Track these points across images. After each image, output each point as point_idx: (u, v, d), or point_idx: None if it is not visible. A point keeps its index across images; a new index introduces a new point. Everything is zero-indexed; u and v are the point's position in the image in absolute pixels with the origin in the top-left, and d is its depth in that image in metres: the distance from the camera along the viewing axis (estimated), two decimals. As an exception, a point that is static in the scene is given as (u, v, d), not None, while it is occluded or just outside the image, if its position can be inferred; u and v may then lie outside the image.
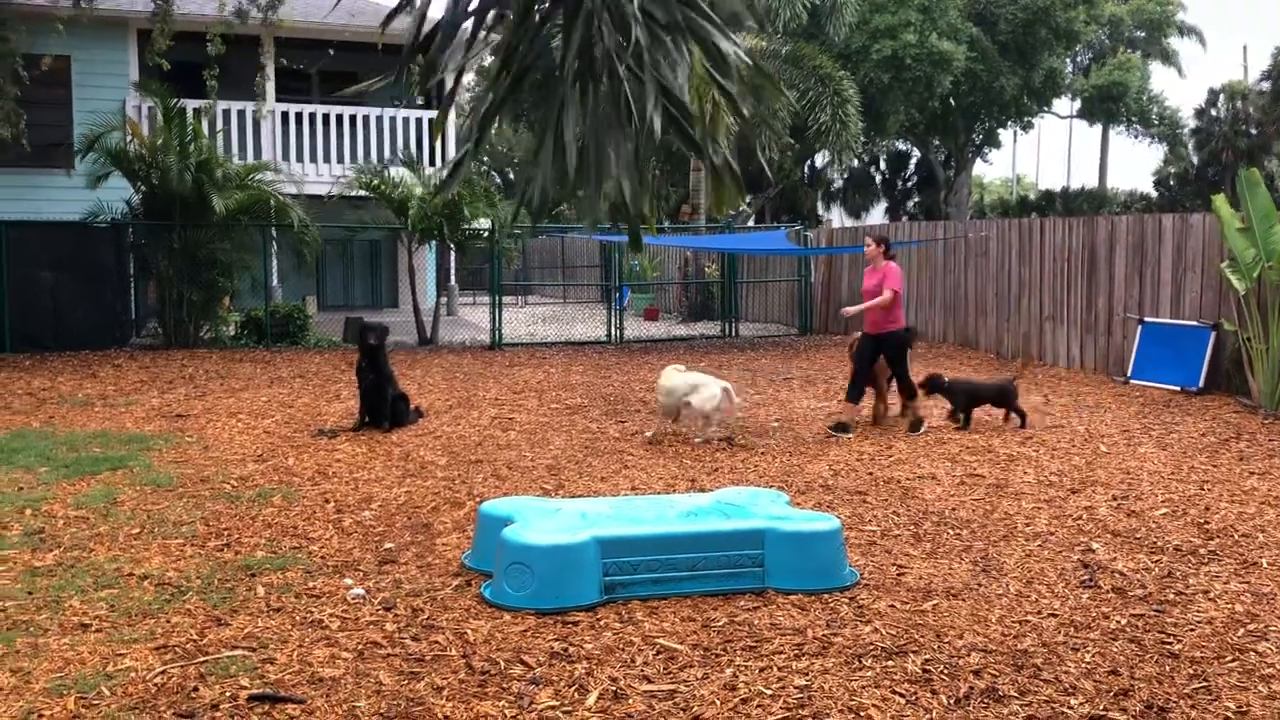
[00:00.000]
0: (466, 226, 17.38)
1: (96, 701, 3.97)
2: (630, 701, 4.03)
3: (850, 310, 10.17)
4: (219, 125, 18.24)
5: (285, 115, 19.52)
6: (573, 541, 5.12)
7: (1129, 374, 12.50)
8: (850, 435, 9.33)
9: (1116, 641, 4.64)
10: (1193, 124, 34.71)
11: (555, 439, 9.26)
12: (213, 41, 14.81)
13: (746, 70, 2.96)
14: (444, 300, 20.45)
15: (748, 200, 27.55)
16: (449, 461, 8.33)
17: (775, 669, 4.32)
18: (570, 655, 4.46)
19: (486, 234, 17.81)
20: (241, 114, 19.00)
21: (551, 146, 2.79)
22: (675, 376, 9.25)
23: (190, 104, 17.32)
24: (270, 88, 19.48)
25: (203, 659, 4.36)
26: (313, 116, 19.73)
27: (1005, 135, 36.84)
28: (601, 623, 4.84)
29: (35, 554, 5.79)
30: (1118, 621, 4.88)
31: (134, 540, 6.08)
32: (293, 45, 17.30)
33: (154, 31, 15.04)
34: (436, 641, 4.60)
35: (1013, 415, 9.77)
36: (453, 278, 23.40)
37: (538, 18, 2.96)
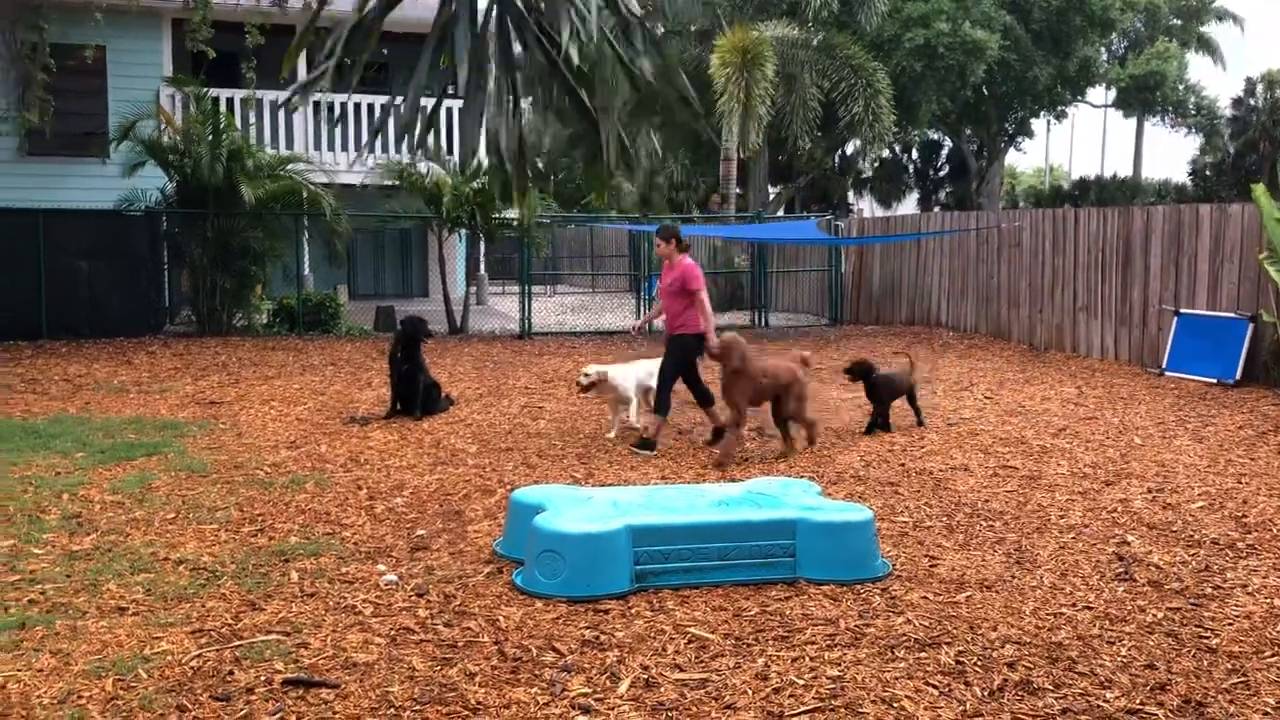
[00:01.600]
0: (497, 215, 17.41)
1: (134, 684, 4.02)
2: (662, 690, 4.03)
3: (638, 324, 9.74)
4: (252, 119, 18.35)
5: (317, 105, 19.58)
6: (604, 530, 5.13)
7: (1164, 366, 12.36)
8: (652, 453, 8.23)
9: (1153, 635, 4.59)
10: (1230, 113, 34.23)
11: (585, 428, 9.27)
12: (250, 33, 14.92)
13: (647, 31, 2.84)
14: (474, 289, 20.49)
15: (771, 191, 27.41)
16: (479, 449, 8.35)
17: (807, 659, 4.30)
18: (602, 643, 4.46)
19: (516, 223, 17.83)
20: (274, 103, 19.10)
21: (417, 82, 2.73)
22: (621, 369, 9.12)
23: (223, 94, 17.44)
24: (301, 77, 19.58)
25: (238, 643, 4.40)
26: (344, 106, 19.80)
27: (1038, 125, 36.48)
28: (633, 611, 4.84)
29: (73, 538, 5.86)
30: (1154, 615, 4.83)
31: (169, 525, 6.14)
32: (324, 34, 17.36)
33: (194, 17, 15.15)
34: (469, 628, 4.62)
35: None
36: (482, 267, 23.45)
37: None
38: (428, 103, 3.03)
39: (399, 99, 2.97)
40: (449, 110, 20.36)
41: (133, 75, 18.48)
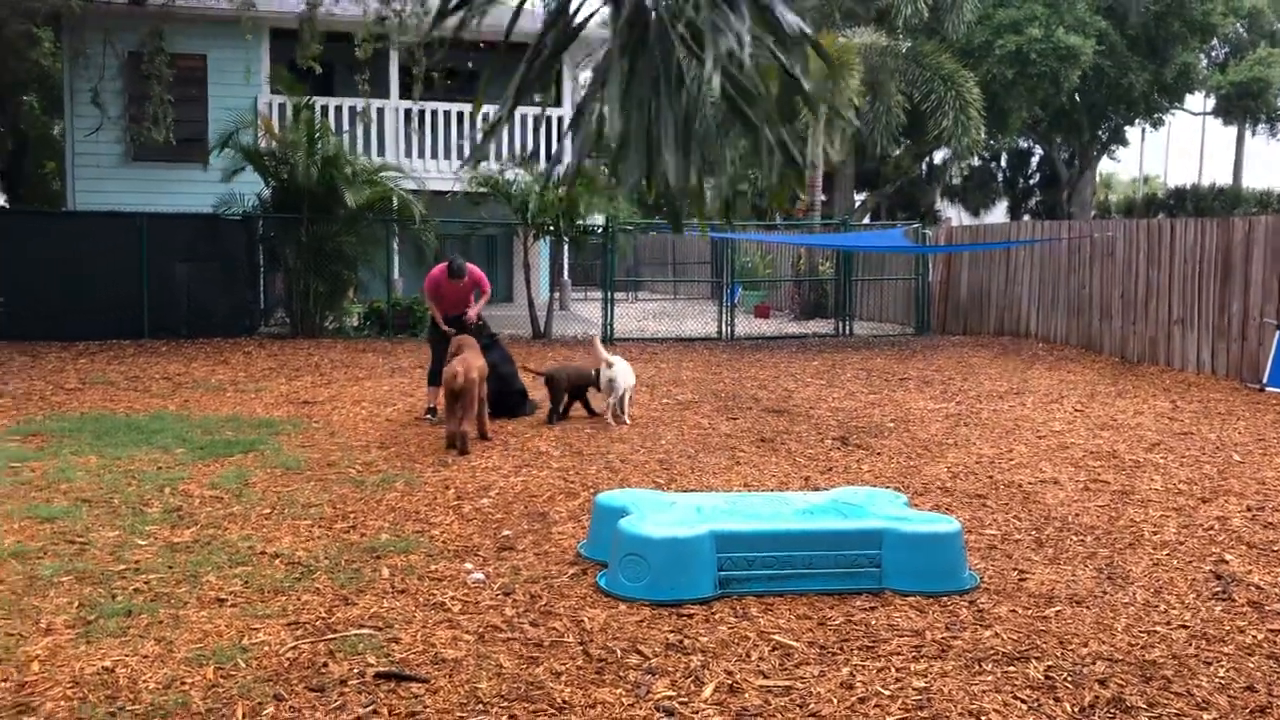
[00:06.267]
0: (582, 222, 17.57)
1: (233, 672, 4.15)
2: (746, 696, 4.04)
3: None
4: (345, 125, 18.79)
5: (409, 112, 19.99)
6: (688, 535, 5.15)
7: (1265, 381, 11.99)
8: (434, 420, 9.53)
9: (1253, 657, 4.47)
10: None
11: (667, 434, 9.30)
12: (362, 46, 15.40)
13: (805, 43, 2.78)
14: (557, 295, 20.70)
15: (815, 198, 27.13)
16: (563, 453, 8.44)
17: (893, 670, 4.28)
18: (685, 647, 4.49)
19: (601, 229, 17.98)
20: (366, 110, 19.53)
21: (593, 117, 2.71)
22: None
23: (319, 101, 17.88)
24: (394, 85, 20.01)
25: (331, 636, 4.52)
26: (434, 114, 20.16)
27: (1133, 133, 35.62)
28: (716, 616, 4.86)
29: (174, 530, 6.07)
30: (1254, 636, 4.69)
31: (265, 520, 6.32)
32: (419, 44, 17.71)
33: (302, 34, 15.67)
34: (554, 628, 4.68)
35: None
36: (566, 273, 23.66)
37: None
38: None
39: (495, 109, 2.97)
40: (540, 117, 20.67)
41: (232, 84, 19.08)
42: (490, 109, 20.33)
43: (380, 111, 19.87)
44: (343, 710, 3.86)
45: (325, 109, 18.56)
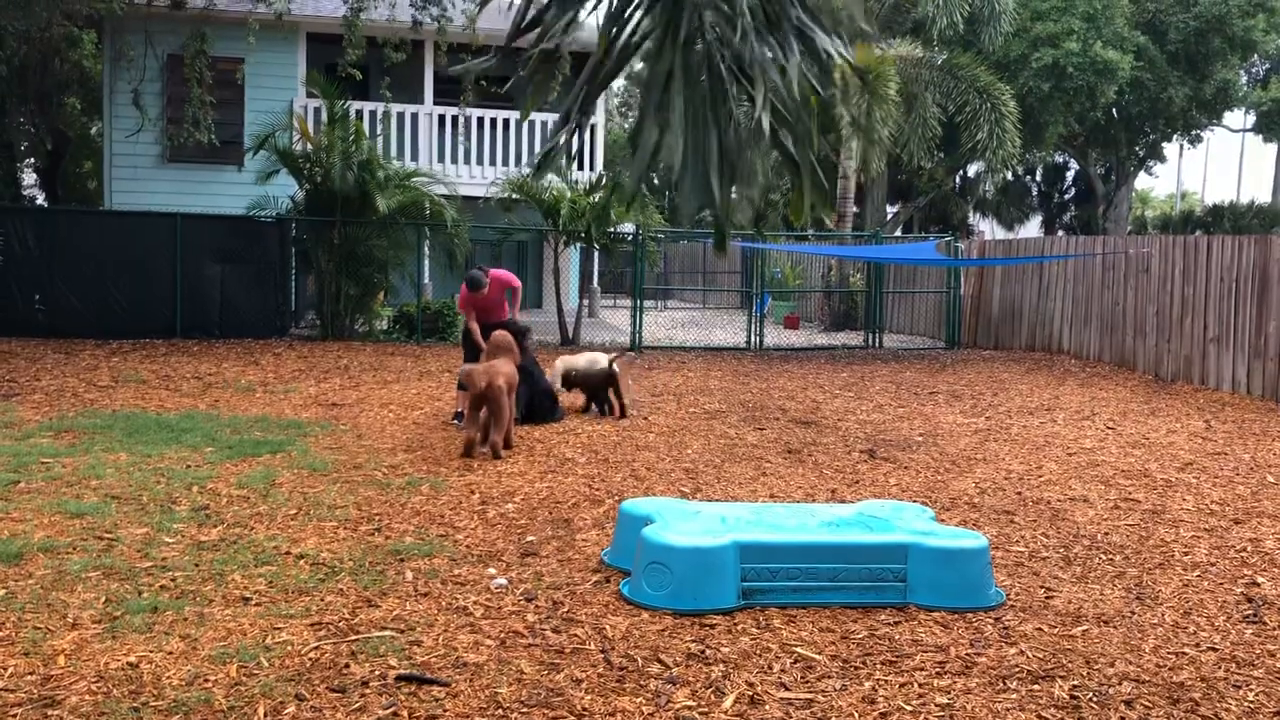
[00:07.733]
0: (612, 229, 17.59)
1: (256, 671, 4.17)
2: (767, 707, 4.01)
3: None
4: (379, 129, 18.93)
5: (442, 118, 20.12)
6: (712, 544, 5.13)
7: (1301, 402, 11.82)
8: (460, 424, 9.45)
9: (1283, 681, 4.40)
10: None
11: (693, 443, 9.29)
12: (390, 55, 15.54)
13: (848, 74, 2.88)
14: (586, 302, 20.72)
15: (838, 208, 26.97)
16: (588, 460, 8.44)
17: (916, 685, 4.24)
18: (707, 657, 4.47)
19: (631, 237, 17.99)
20: (401, 116, 19.68)
21: (651, 135, 2.75)
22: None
23: (353, 105, 18.03)
24: (429, 91, 20.14)
25: (354, 637, 4.53)
26: (468, 119, 20.27)
27: (1170, 149, 35.28)
28: (739, 627, 4.83)
29: (201, 529, 6.11)
30: (1285, 660, 4.62)
31: (291, 521, 6.36)
32: (451, 49, 17.85)
33: (344, 41, 15.88)
34: (576, 635, 4.68)
35: None
36: (595, 280, 23.70)
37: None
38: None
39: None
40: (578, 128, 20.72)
41: (268, 87, 19.27)
42: (541, 117, 20.29)
43: (414, 117, 20.01)
44: (363, 711, 3.87)
45: (360, 113, 18.70)
